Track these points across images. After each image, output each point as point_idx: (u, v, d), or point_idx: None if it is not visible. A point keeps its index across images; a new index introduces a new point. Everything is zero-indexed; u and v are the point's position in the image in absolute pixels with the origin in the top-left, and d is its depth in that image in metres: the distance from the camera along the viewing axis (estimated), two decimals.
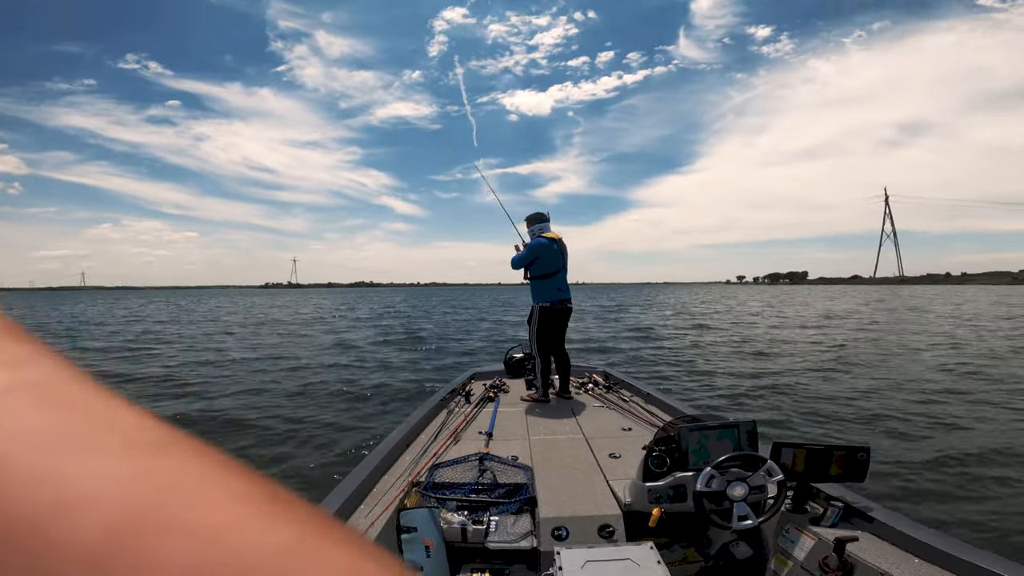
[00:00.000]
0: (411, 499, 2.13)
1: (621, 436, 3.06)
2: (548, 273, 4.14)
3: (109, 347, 13.81)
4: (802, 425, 5.77)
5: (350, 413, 6.27)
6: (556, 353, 4.22)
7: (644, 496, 1.94)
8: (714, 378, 8.68)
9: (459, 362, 10.75)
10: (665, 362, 10.61)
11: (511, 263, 4.31)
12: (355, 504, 2.07)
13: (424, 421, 3.34)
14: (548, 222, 4.32)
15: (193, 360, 10.89)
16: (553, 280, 4.16)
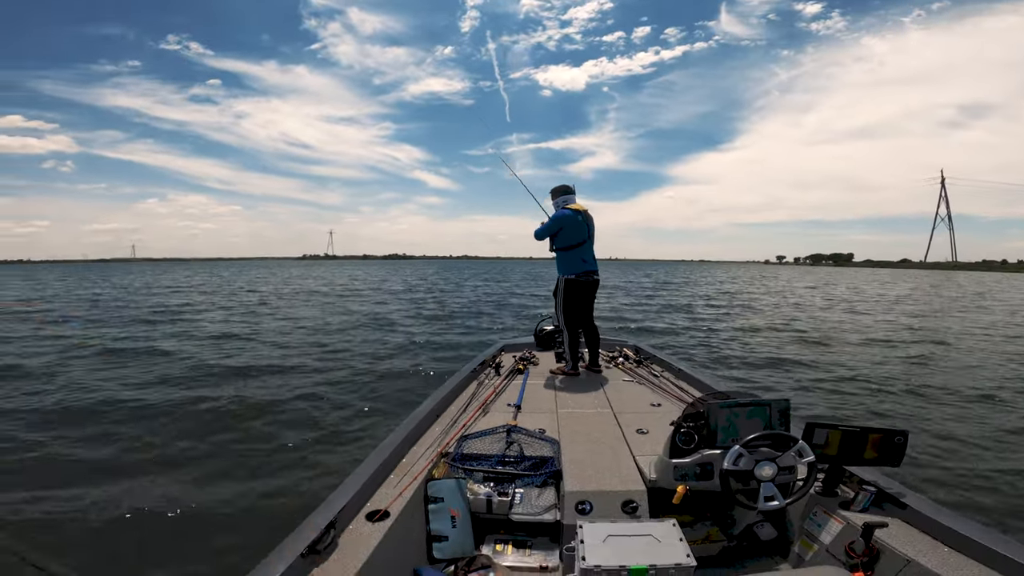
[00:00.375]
0: (439, 470, 2.16)
1: (649, 412, 3.03)
2: (573, 244, 4.09)
3: (157, 316, 14.44)
4: (848, 409, 5.61)
5: (381, 384, 6.42)
6: (585, 326, 4.19)
7: (670, 473, 1.92)
8: (759, 359, 8.49)
9: (489, 334, 10.83)
10: (701, 342, 10.45)
11: (534, 234, 4.27)
12: (385, 474, 2.12)
13: (454, 393, 3.38)
14: (573, 194, 4.25)
15: (231, 332, 11.29)
16: (578, 251, 4.10)
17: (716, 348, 9.48)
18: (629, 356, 4.48)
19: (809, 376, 7.16)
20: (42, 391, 6.04)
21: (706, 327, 12.41)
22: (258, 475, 3.81)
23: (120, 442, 4.38)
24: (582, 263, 4.09)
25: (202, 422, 4.92)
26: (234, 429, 4.76)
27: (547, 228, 4.14)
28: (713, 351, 9.16)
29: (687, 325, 12.88)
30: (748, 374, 7.32)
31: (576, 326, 4.11)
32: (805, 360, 8.29)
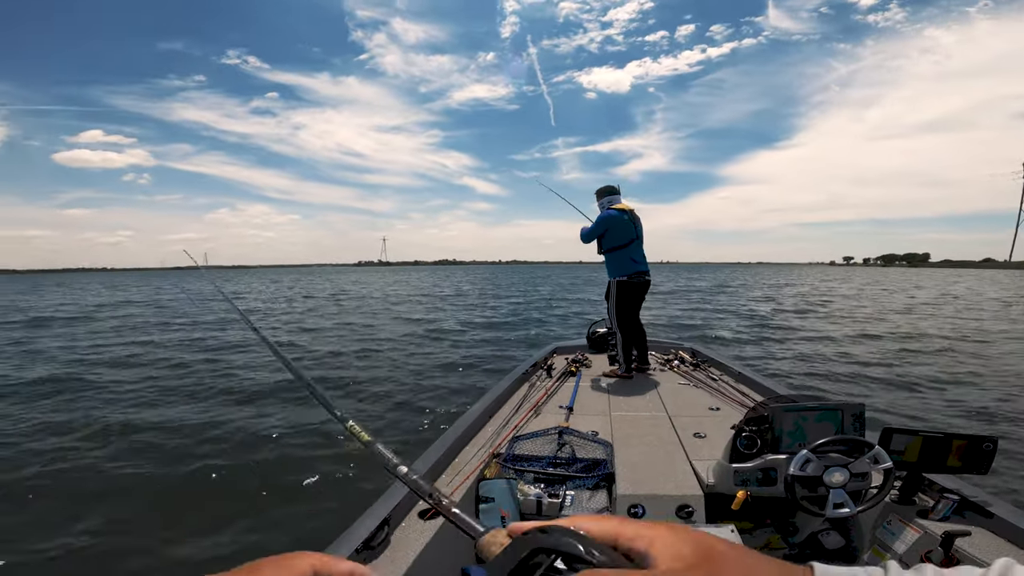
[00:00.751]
0: (491, 470, 2.17)
1: (707, 415, 2.94)
2: (621, 244, 4.04)
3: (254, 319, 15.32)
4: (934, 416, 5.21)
5: (436, 385, 6.52)
6: (633, 326, 4.12)
7: (729, 477, 1.85)
8: (832, 364, 8.01)
9: (540, 337, 10.81)
10: (766, 347, 10.00)
11: (580, 236, 4.24)
12: (438, 472, 2.15)
13: (506, 394, 3.39)
14: (618, 194, 4.20)
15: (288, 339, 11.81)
16: (627, 251, 4.05)
17: (809, 358, 8.65)
18: (685, 359, 4.36)
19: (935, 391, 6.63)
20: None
21: (792, 335, 11.56)
22: (310, 472, 3.93)
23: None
24: (632, 263, 4.04)
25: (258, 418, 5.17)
26: (286, 421, 4.98)
27: (593, 230, 4.11)
28: (807, 362, 8.38)
29: (763, 334, 11.82)
30: (854, 388, 6.72)
31: (630, 328, 4.05)
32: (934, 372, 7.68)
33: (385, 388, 6.36)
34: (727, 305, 19.37)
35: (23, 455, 4.29)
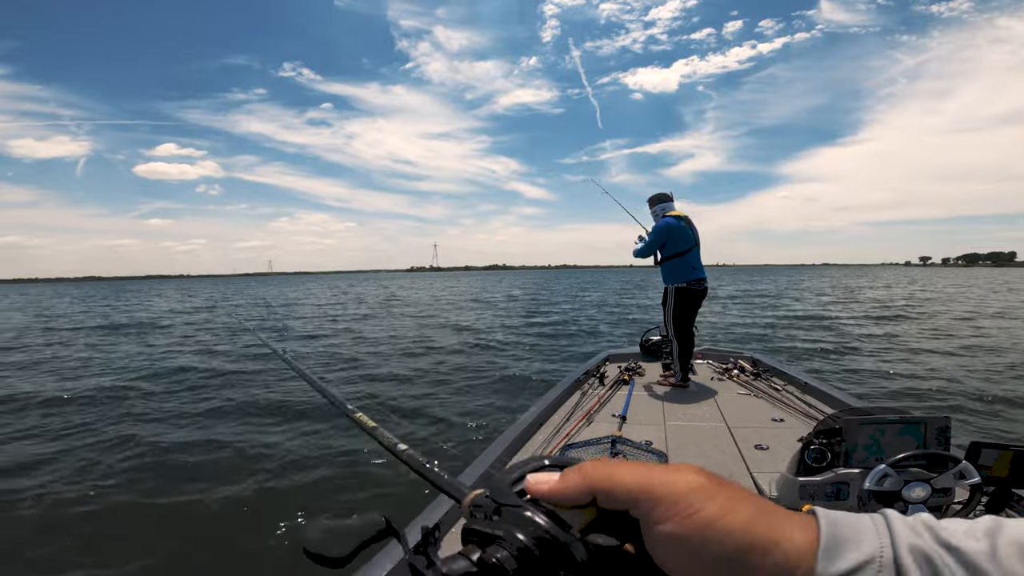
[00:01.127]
0: None
1: (770, 427, 2.80)
2: (680, 252, 3.95)
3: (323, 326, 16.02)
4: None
5: (484, 393, 6.55)
6: (689, 334, 4.01)
7: (795, 492, 1.75)
8: (914, 374, 7.44)
9: (591, 344, 10.66)
10: (837, 356, 9.42)
11: (636, 253, 4.18)
12: (487, 478, 2.14)
13: (557, 402, 3.36)
14: (671, 201, 4.12)
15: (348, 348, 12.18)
16: (686, 258, 3.96)
17: (887, 368, 7.95)
18: (745, 368, 4.18)
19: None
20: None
21: (868, 342, 10.63)
22: (363, 478, 3.96)
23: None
24: (692, 270, 3.95)
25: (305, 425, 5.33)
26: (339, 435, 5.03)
27: (652, 243, 4.03)
28: (885, 371, 7.72)
29: (834, 342, 10.81)
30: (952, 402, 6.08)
31: (687, 336, 3.94)
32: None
33: (433, 396, 6.43)
34: (794, 310, 18.28)
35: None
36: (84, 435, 5.03)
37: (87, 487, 3.82)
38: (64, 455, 4.48)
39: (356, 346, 10.78)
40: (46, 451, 4.58)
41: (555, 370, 7.85)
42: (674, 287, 3.96)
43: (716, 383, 3.91)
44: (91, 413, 5.83)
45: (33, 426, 5.37)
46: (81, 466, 4.23)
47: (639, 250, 4.15)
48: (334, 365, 8.77)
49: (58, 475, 4.05)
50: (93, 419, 5.57)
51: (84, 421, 5.50)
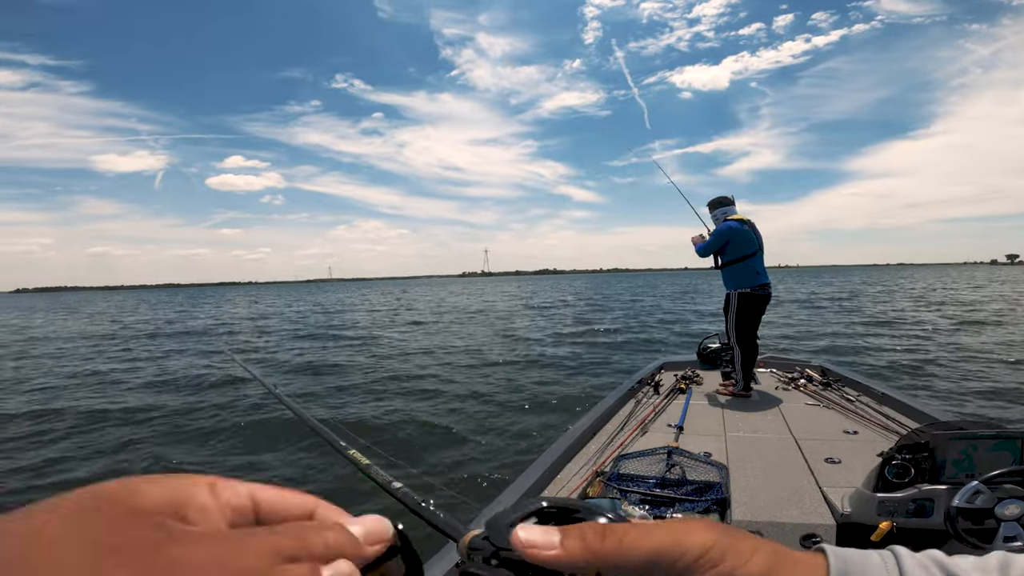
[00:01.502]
0: (594, 488, 2.10)
1: (842, 440, 2.62)
2: (744, 256, 3.82)
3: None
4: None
5: (535, 401, 6.51)
6: (752, 341, 3.84)
7: (872, 507, 1.67)
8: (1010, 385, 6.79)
9: (646, 352, 10.40)
10: (920, 365, 8.74)
11: (697, 251, 4.06)
12: (539, 490, 2.12)
13: (610, 411, 3.29)
14: (733, 204, 4.00)
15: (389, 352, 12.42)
16: (751, 263, 3.83)
17: (979, 378, 7.19)
18: (813, 377, 3.94)
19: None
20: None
21: (956, 350, 9.61)
22: (413, 485, 4.04)
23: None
24: (755, 275, 3.82)
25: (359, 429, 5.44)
26: (388, 441, 5.07)
27: (712, 243, 3.92)
28: (976, 382, 6.98)
29: (917, 349, 9.84)
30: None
31: (750, 343, 3.78)
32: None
33: (483, 405, 6.45)
34: (870, 314, 17.00)
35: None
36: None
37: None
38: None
39: (400, 357, 10.98)
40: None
41: (608, 384, 7.72)
42: (737, 292, 3.83)
43: (781, 393, 3.71)
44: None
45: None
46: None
47: (700, 248, 4.04)
48: (376, 375, 8.93)
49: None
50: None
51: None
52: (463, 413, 6.09)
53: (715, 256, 3.98)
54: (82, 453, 4.99)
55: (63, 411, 6.48)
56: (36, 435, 5.59)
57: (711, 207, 4.06)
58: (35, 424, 5.99)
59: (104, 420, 6.08)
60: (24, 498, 3.45)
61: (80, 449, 5.10)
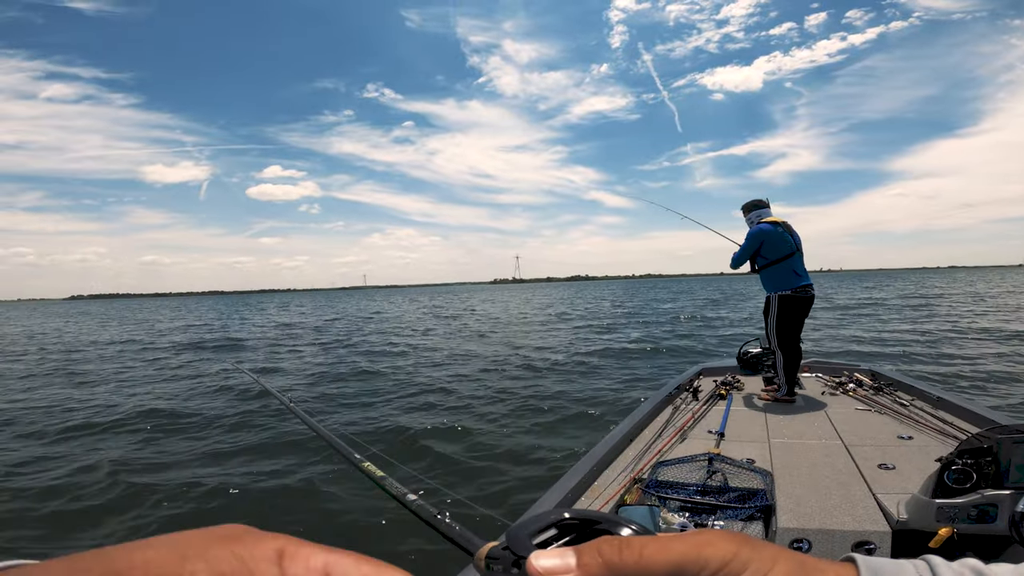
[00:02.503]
0: (631, 495, 2.06)
1: (896, 445, 2.51)
2: (781, 257, 3.73)
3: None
4: None
5: (572, 407, 6.44)
6: (795, 345, 3.71)
7: (931, 513, 1.60)
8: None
9: (684, 357, 10.18)
10: (984, 371, 8.26)
11: (732, 262, 4.01)
12: (576, 496, 2.10)
13: (648, 417, 3.24)
14: (767, 207, 3.92)
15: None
16: (789, 264, 3.73)
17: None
18: (863, 382, 3.78)
19: None
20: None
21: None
22: (452, 489, 4.03)
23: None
24: (795, 276, 3.72)
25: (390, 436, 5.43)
26: (427, 449, 5.05)
27: (745, 250, 3.86)
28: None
29: (986, 353, 8.84)
30: None
31: (792, 347, 3.67)
32: None
33: (515, 410, 6.42)
34: (927, 320, 15.92)
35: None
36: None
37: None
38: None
39: (428, 367, 11.06)
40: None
41: (643, 382, 7.58)
42: (777, 295, 3.74)
43: (828, 398, 3.57)
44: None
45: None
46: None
47: (734, 257, 3.98)
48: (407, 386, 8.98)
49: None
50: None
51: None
52: (499, 413, 6.10)
53: (751, 260, 3.90)
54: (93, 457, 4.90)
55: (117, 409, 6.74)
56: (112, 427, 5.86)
57: (745, 211, 4.00)
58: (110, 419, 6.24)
59: (118, 425, 6.08)
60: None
61: (91, 452, 5.08)
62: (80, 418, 6.59)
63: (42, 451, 5.28)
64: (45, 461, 4.88)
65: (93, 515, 3.74)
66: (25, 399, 8.06)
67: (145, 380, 9.87)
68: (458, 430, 5.53)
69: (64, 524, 3.64)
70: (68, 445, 5.47)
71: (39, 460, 4.92)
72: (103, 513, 3.75)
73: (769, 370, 4.05)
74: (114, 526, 3.58)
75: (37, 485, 4.24)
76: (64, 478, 4.39)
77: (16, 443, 5.61)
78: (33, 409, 7.17)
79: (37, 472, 4.58)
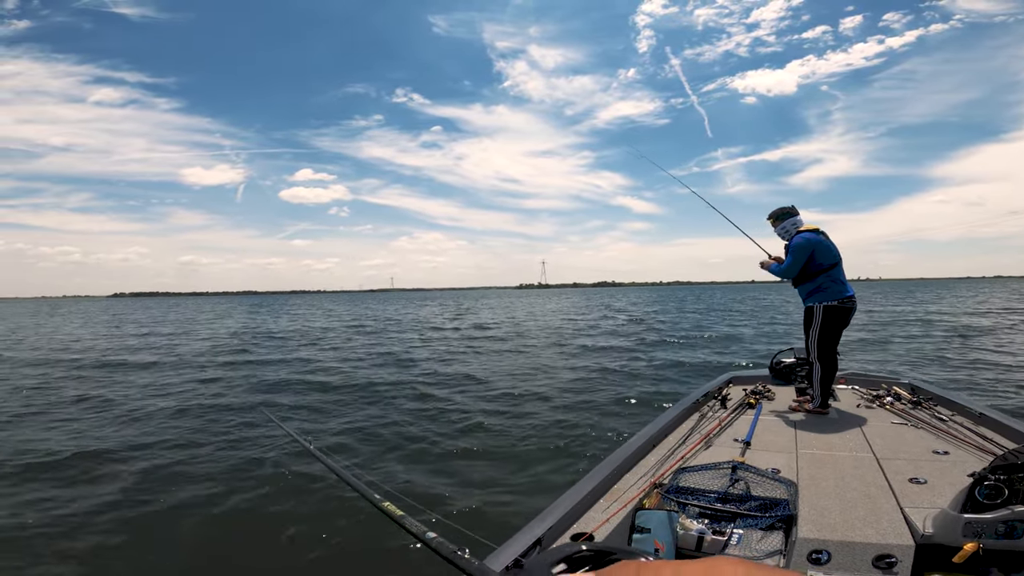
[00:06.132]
0: (651, 500, 2.07)
1: (931, 460, 2.43)
2: (827, 267, 3.60)
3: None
4: None
5: (595, 412, 6.41)
6: (833, 357, 3.61)
7: (957, 528, 1.57)
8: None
9: (714, 365, 9.98)
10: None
11: (776, 272, 3.85)
12: (595, 498, 2.12)
13: (674, 423, 3.22)
14: (798, 215, 3.79)
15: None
16: (833, 274, 3.61)
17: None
18: (901, 395, 3.66)
19: None
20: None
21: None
22: (467, 488, 4.05)
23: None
24: (840, 287, 3.60)
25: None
26: (447, 445, 5.13)
27: (796, 260, 3.66)
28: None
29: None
30: None
31: (831, 359, 3.57)
32: None
33: (535, 412, 6.41)
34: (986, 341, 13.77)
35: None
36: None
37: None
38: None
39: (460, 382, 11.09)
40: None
41: (669, 390, 7.45)
42: (821, 306, 3.60)
43: (864, 411, 3.46)
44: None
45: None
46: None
47: (782, 269, 3.79)
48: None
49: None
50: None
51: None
52: (521, 413, 6.07)
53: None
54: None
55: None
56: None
57: (776, 220, 3.84)
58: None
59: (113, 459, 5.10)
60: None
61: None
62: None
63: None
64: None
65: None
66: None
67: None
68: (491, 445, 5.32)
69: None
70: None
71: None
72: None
73: (802, 380, 3.95)
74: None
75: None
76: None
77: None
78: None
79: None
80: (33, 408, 7.34)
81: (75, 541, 3.47)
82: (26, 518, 3.77)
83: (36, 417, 6.83)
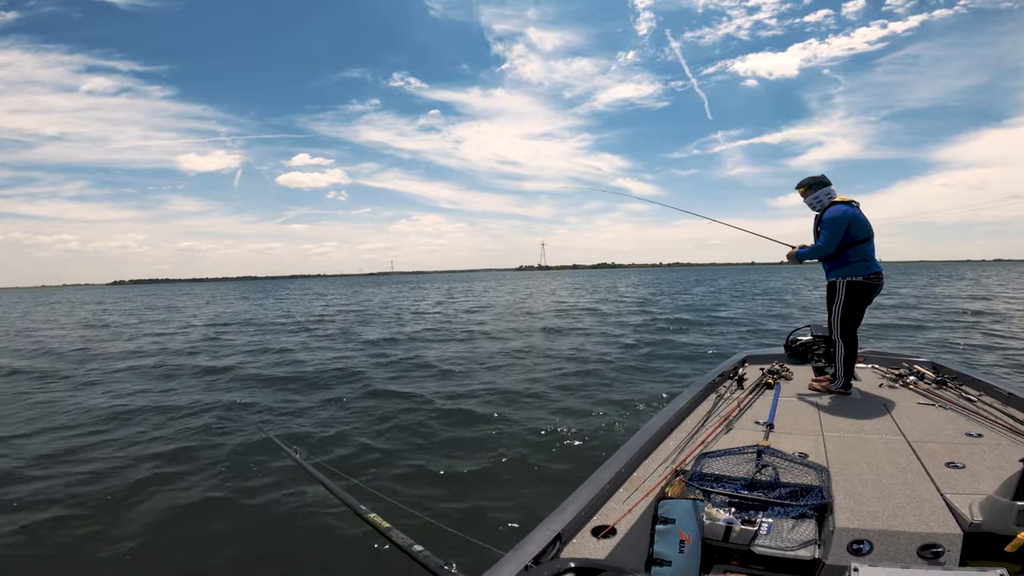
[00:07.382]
0: (673, 488, 1.97)
1: (965, 442, 2.33)
2: (858, 241, 3.39)
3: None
4: None
5: (609, 395, 6.33)
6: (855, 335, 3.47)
7: (1009, 516, 1.49)
8: None
9: (725, 344, 9.87)
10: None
11: (812, 254, 3.51)
12: (614, 487, 2.02)
13: (691, 405, 3.12)
14: (831, 185, 3.53)
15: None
16: (862, 249, 3.40)
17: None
18: (925, 375, 3.54)
19: None
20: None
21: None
22: (483, 483, 3.91)
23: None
24: (869, 262, 3.41)
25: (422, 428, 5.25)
26: (458, 438, 4.93)
27: (832, 235, 3.38)
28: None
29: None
30: None
31: (853, 337, 3.43)
32: None
33: (547, 397, 6.34)
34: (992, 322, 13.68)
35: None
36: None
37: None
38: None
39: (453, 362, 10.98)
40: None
41: (683, 371, 7.35)
42: (845, 281, 3.40)
43: (887, 391, 3.35)
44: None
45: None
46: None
47: (816, 249, 3.48)
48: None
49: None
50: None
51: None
52: (532, 400, 5.98)
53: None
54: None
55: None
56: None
57: (808, 189, 3.56)
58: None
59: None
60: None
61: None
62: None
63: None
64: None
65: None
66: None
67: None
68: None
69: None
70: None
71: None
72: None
73: (819, 359, 3.83)
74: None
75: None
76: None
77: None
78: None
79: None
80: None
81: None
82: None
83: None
